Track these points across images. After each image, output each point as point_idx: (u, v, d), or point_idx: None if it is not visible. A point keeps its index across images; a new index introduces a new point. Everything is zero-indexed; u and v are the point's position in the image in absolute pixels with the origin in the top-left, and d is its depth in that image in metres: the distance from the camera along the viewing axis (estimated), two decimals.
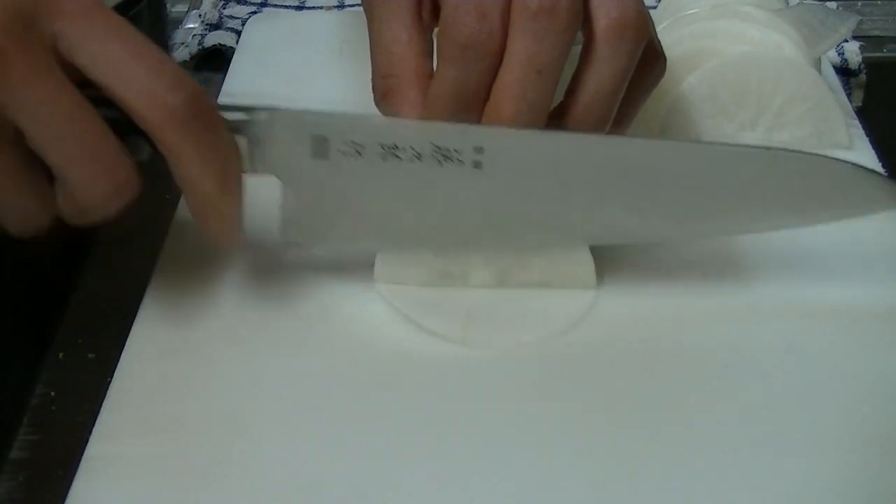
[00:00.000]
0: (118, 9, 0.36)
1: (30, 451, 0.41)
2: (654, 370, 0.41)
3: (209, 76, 0.63)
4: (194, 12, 0.68)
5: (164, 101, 0.35)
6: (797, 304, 0.43)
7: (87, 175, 0.35)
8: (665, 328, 0.42)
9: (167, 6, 0.69)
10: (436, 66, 0.40)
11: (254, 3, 0.69)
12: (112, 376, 0.41)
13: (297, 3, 0.69)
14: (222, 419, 0.39)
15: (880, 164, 0.50)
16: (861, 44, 0.64)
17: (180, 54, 0.64)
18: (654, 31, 0.42)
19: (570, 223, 0.41)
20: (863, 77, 0.63)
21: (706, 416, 0.39)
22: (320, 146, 0.39)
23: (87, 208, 0.36)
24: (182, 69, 0.37)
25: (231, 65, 0.60)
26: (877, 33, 0.66)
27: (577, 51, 0.40)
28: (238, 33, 0.65)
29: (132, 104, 0.35)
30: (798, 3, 0.57)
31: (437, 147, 0.39)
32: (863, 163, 0.41)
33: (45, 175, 0.36)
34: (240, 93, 0.57)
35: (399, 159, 0.39)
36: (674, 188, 0.40)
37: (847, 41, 0.64)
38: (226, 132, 0.38)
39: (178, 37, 0.66)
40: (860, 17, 0.57)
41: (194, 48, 0.64)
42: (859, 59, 0.63)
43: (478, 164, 0.39)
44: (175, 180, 0.38)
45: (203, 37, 0.65)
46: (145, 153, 0.37)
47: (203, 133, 0.37)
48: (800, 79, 0.50)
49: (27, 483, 0.40)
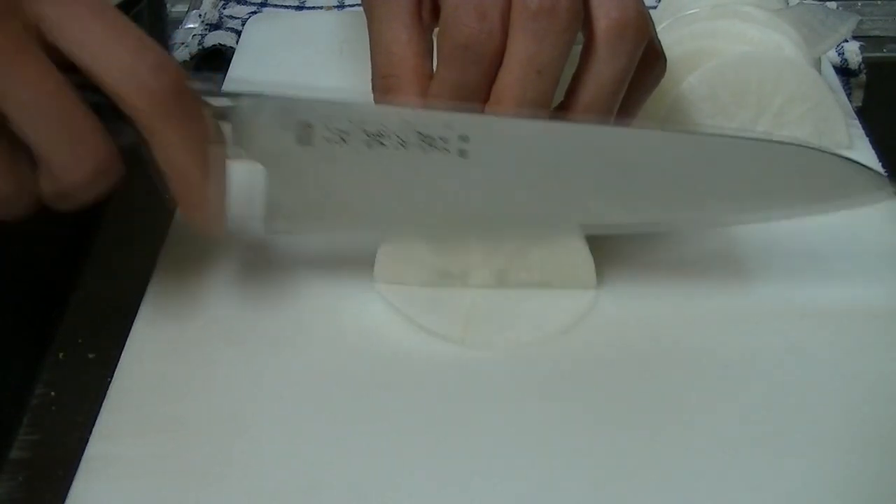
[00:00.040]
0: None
1: (30, 451, 0.41)
2: (654, 370, 0.41)
3: (209, 76, 0.63)
4: (194, 12, 0.68)
5: (146, 83, 0.35)
6: (797, 304, 0.43)
7: (68, 158, 0.35)
8: (665, 328, 0.42)
9: (167, 6, 0.69)
10: (436, 66, 0.40)
11: (254, 3, 0.69)
12: (112, 376, 0.41)
13: (297, 3, 0.69)
14: (222, 419, 0.39)
15: (880, 164, 0.50)
16: (861, 44, 0.64)
17: (180, 54, 0.64)
18: (655, 31, 0.42)
19: (555, 211, 0.41)
20: (863, 77, 0.63)
21: (706, 416, 0.39)
22: (305, 133, 0.39)
23: (68, 191, 0.36)
24: (165, 52, 0.36)
25: (231, 65, 0.60)
26: (877, 33, 0.66)
27: (577, 51, 0.40)
28: (238, 33, 0.65)
29: (114, 86, 0.35)
30: (798, 3, 0.57)
31: (423, 135, 0.39)
32: (863, 162, 0.41)
33: (28, 158, 0.36)
34: None
35: (384, 146, 0.39)
36: (659, 176, 0.40)
37: (847, 41, 0.64)
38: (208, 117, 0.38)
39: (178, 37, 0.66)
40: (860, 17, 0.57)
41: (194, 48, 0.64)
42: (859, 59, 0.63)
43: (463, 153, 0.39)
44: (156, 167, 0.37)
45: (203, 37, 0.65)
46: (129, 138, 0.36)
47: (185, 116, 0.36)
48: (800, 79, 0.50)
49: (27, 483, 0.40)
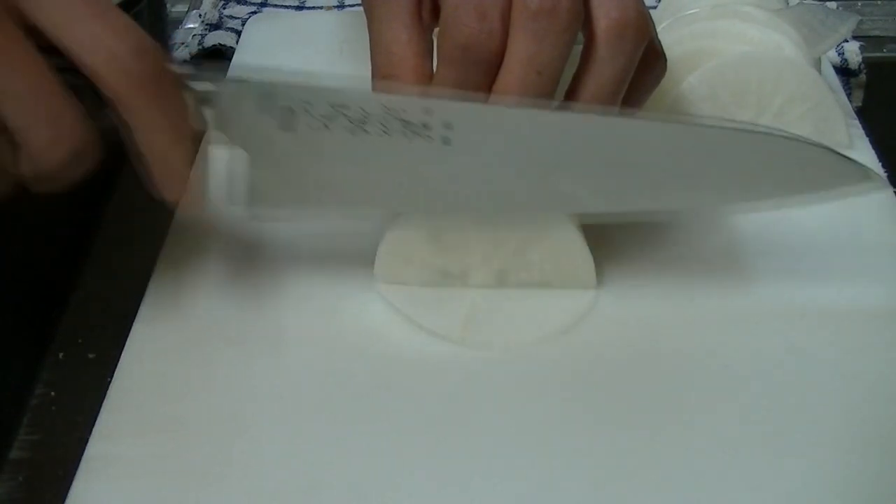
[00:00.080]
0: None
1: (30, 451, 0.41)
2: (654, 370, 0.41)
3: (211, 67, 0.63)
4: (194, 12, 0.68)
5: (127, 65, 0.35)
6: (797, 304, 0.43)
7: (46, 139, 0.35)
8: (665, 328, 0.42)
9: (167, 6, 0.69)
10: (436, 66, 0.40)
11: (254, 3, 0.69)
12: (112, 376, 0.41)
13: (297, 3, 0.69)
14: (222, 419, 0.39)
15: (880, 164, 0.50)
16: (861, 44, 0.64)
17: (180, 54, 0.64)
18: (655, 31, 0.42)
19: (540, 200, 0.40)
20: (863, 77, 0.63)
21: (706, 416, 0.39)
22: (288, 119, 0.39)
23: (47, 172, 0.36)
24: (146, 35, 0.36)
25: (231, 65, 0.60)
26: (877, 33, 0.66)
27: (577, 51, 0.40)
28: (238, 33, 0.65)
29: (94, 68, 0.35)
30: (798, 3, 0.57)
31: (406, 122, 0.38)
32: (862, 163, 0.41)
33: (8, 139, 0.35)
34: None
35: (367, 133, 0.39)
36: (644, 165, 0.39)
37: (847, 41, 0.63)
38: (190, 101, 0.37)
39: (178, 37, 0.66)
40: (860, 17, 0.57)
41: (194, 48, 0.64)
42: (859, 59, 0.63)
43: (447, 140, 0.39)
44: (135, 150, 0.37)
45: (203, 37, 0.65)
46: (109, 121, 0.36)
47: (164, 99, 0.36)
48: (800, 79, 0.50)
49: (27, 483, 0.40)
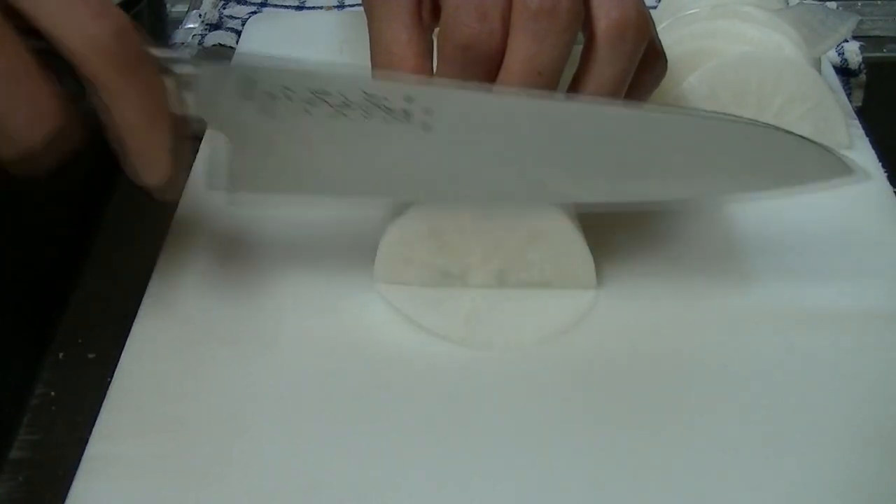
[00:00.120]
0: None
1: (30, 451, 0.41)
2: (654, 370, 0.41)
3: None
4: (194, 12, 0.68)
5: (103, 43, 0.35)
6: (797, 304, 0.43)
7: (24, 120, 0.34)
8: (665, 328, 0.42)
9: (167, 6, 0.69)
10: (436, 66, 0.40)
11: (254, 3, 0.69)
12: (112, 376, 0.41)
13: (297, 3, 0.69)
14: (222, 419, 0.39)
15: (880, 164, 0.50)
16: (861, 44, 0.64)
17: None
18: (655, 31, 0.42)
19: (519, 186, 0.40)
20: (863, 77, 0.63)
21: (706, 417, 0.39)
22: (268, 104, 0.38)
23: (26, 154, 0.35)
24: (125, 16, 0.35)
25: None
26: (877, 33, 0.66)
27: (577, 51, 0.40)
28: (238, 33, 0.65)
29: (70, 46, 0.34)
30: (798, 3, 0.57)
31: (388, 109, 0.38)
32: (863, 163, 0.41)
33: None
34: None
35: (346, 117, 0.38)
36: (623, 153, 0.39)
37: (847, 41, 0.63)
38: (169, 84, 0.37)
39: (178, 37, 0.66)
40: (860, 17, 0.57)
41: (194, 48, 0.64)
42: (859, 59, 0.63)
43: (427, 127, 0.38)
44: (113, 133, 0.36)
45: (203, 37, 0.65)
46: (88, 104, 0.36)
47: (142, 80, 0.36)
48: (800, 79, 0.50)
49: (27, 483, 0.40)
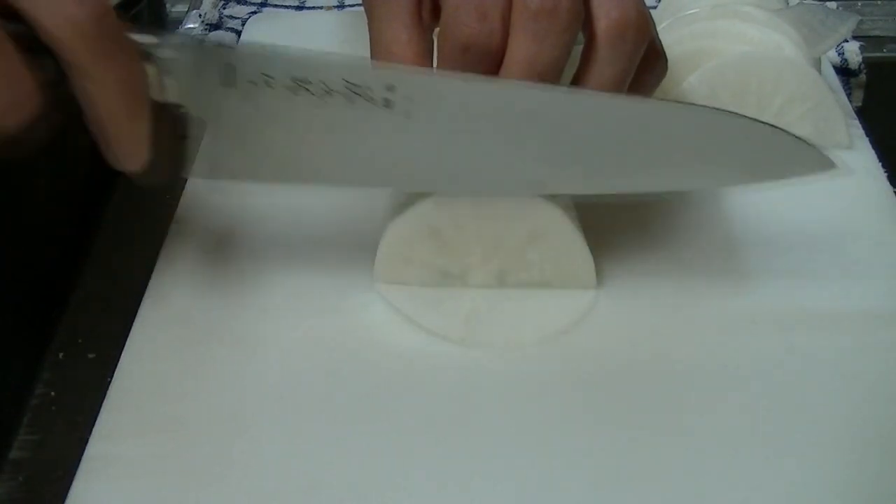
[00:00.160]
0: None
1: (30, 451, 0.41)
2: (654, 370, 0.41)
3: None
4: (194, 12, 0.68)
5: (82, 26, 0.34)
6: (797, 304, 0.43)
7: (2, 101, 0.34)
8: (665, 328, 0.42)
9: (167, 6, 0.69)
10: (436, 66, 0.40)
11: (254, 3, 0.69)
12: (112, 376, 0.41)
13: (297, 3, 0.69)
14: (222, 419, 0.39)
15: (880, 164, 0.50)
16: (861, 44, 0.64)
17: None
18: (655, 31, 0.42)
19: (501, 175, 0.40)
20: (863, 77, 0.63)
21: (706, 417, 0.39)
22: (250, 90, 0.38)
23: (3, 136, 0.34)
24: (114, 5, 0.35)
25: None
26: (877, 33, 0.66)
27: (577, 51, 0.40)
28: (238, 33, 0.65)
29: (49, 29, 0.34)
30: (798, 3, 0.57)
31: (370, 98, 0.38)
32: (863, 163, 0.41)
33: None
34: None
35: (328, 105, 0.38)
36: (600, 142, 0.39)
37: (847, 41, 0.63)
38: (149, 68, 0.37)
39: None
40: (860, 17, 0.57)
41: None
42: (859, 59, 0.63)
43: (409, 115, 0.38)
44: (89, 117, 0.36)
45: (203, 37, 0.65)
46: (65, 87, 0.35)
47: (120, 62, 0.35)
48: (800, 79, 0.50)
49: (27, 483, 0.40)
